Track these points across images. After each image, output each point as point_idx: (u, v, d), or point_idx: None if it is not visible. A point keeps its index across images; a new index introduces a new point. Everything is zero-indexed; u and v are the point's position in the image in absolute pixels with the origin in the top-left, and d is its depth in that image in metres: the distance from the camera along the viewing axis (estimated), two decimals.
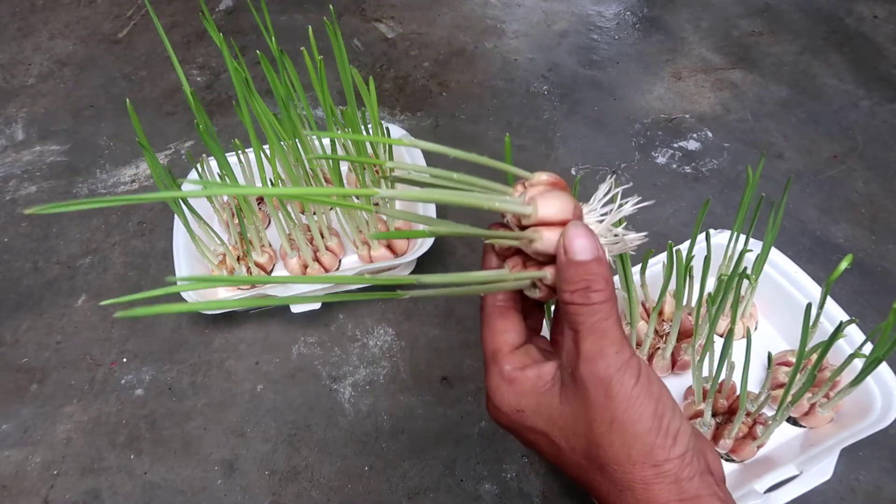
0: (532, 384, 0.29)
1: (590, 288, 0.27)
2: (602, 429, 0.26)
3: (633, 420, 0.26)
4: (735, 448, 0.49)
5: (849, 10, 0.91)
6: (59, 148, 0.83)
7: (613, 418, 0.26)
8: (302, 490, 0.53)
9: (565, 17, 0.95)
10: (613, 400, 0.26)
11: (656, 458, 0.26)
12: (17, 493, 0.55)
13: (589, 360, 0.26)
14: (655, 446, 0.26)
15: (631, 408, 0.26)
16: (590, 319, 0.27)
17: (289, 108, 0.56)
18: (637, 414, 0.26)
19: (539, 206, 0.28)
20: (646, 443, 0.26)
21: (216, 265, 0.62)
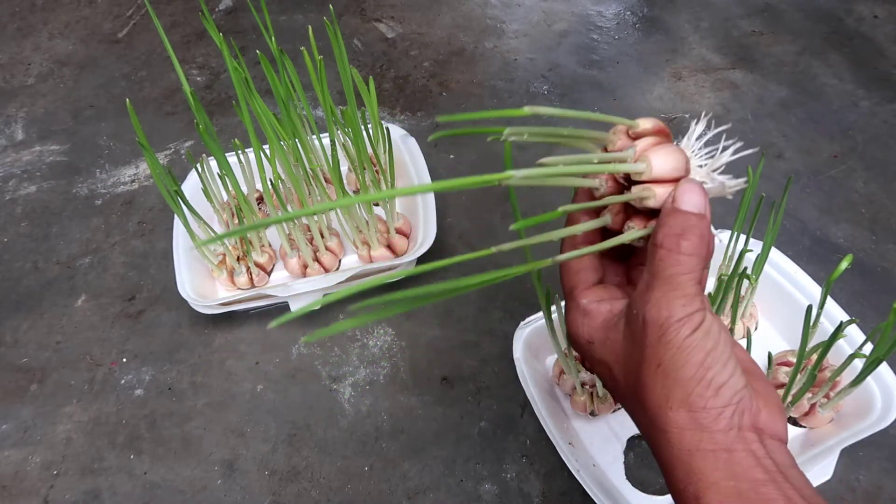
0: (604, 318, 0.30)
1: (683, 236, 0.27)
2: (649, 370, 0.27)
3: (678, 366, 0.26)
4: None
5: (849, 10, 0.91)
6: (58, 148, 0.83)
7: (661, 362, 0.27)
8: (302, 490, 0.53)
9: (565, 17, 0.95)
10: (664, 346, 0.27)
11: (693, 405, 0.26)
12: (17, 493, 0.55)
13: (655, 305, 0.27)
14: (694, 394, 0.26)
15: (678, 355, 0.26)
16: (669, 269, 0.27)
17: (289, 108, 0.56)
18: (682, 361, 0.26)
19: (654, 163, 0.28)
20: (685, 389, 0.26)
21: (216, 265, 0.62)
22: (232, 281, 0.62)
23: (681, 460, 0.27)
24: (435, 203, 0.63)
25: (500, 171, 0.32)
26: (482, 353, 0.60)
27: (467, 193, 0.73)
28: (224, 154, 0.57)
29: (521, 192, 0.72)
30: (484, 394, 0.58)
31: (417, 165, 0.67)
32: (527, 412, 0.56)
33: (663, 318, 0.27)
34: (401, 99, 0.85)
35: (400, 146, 0.69)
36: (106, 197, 0.77)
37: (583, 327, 0.31)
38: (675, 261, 0.27)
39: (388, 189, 0.63)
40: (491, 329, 0.62)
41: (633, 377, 0.28)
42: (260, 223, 0.23)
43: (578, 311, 0.31)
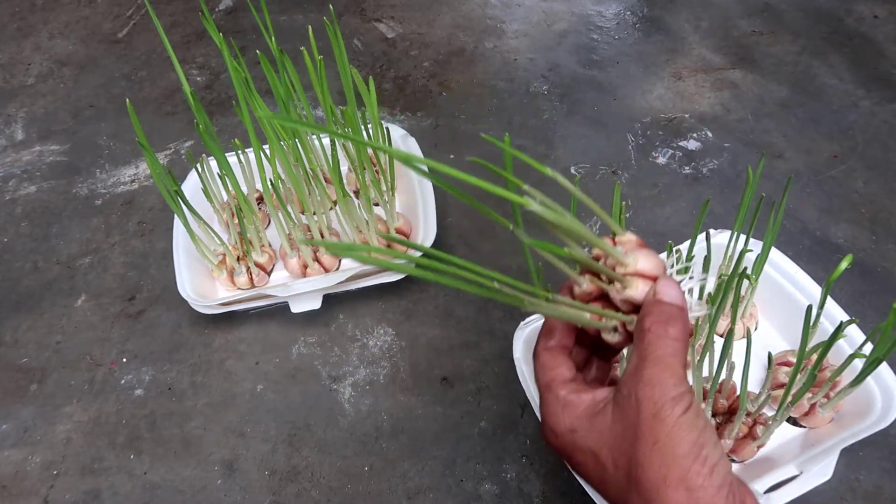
0: (586, 406, 0.32)
1: (669, 323, 0.30)
2: (645, 448, 0.28)
3: (675, 443, 0.28)
4: (735, 448, 0.49)
5: (849, 10, 0.91)
6: (58, 148, 0.83)
7: (657, 439, 0.28)
8: (302, 490, 0.54)
9: (565, 17, 0.95)
10: (661, 423, 0.28)
11: (691, 483, 0.27)
12: (17, 493, 0.55)
13: (648, 384, 0.29)
14: (692, 471, 0.27)
15: (675, 432, 0.28)
16: (658, 351, 0.29)
17: (289, 108, 0.56)
18: (679, 438, 0.28)
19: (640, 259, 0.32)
20: (683, 466, 0.27)
21: (216, 265, 0.62)
22: (232, 281, 0.62)
23: None
24: (435, 203, 0.63)
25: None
26: (482, 353, 0.60)
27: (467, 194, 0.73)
28: (224, 154, 0.57)
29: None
30: (484, 394, 0.58)
31: None
32: (527, 412, 0.56)
33: (657, 396, 0.28)
34: (401, 99, 0.85)
35: (400, 146, 0.69)
36: (106, 197, 0.77)
37: (564, 417, 0.32)
38: (664, 344, 0.29)
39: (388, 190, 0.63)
40: (491, 329, 0.62)
41: (625, 458, 0.29)
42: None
43: (558, 404, 0.32)
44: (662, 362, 0.29)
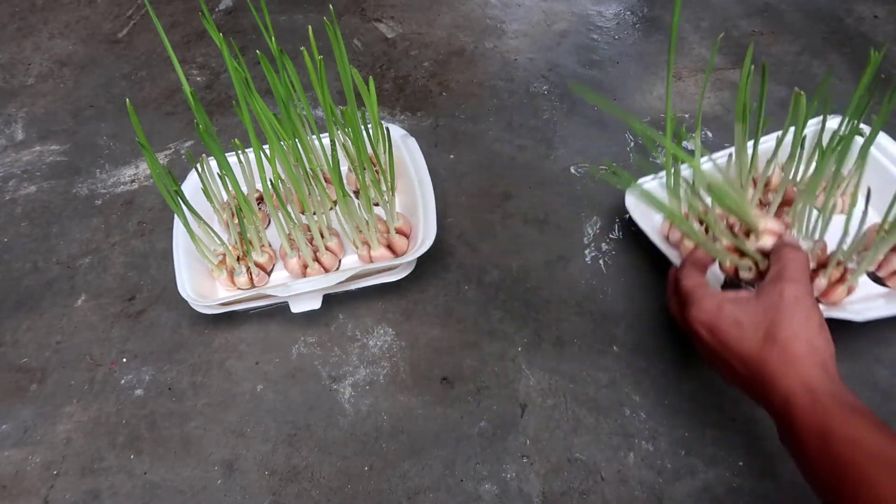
0: (732, 296, 0.46)
1: (797, 248, 0.46)
2: (786, 318, 0.42)
3: (808, 317, 0.42)
4: (827, 292, 0.56)
5: (849, 10, 0.91)
6: (58, 148, 0.83)
7: (795, 313, 0.42)
8: (302, 490, 0.54)
9: (565, 17, 0.95)
10: (799, 306, 0.42)
11: (814, 343, 0.41)
12: (17, 493, 0.55)
13: (790, 282, 0.43)
14: (816, 338, 0.41)
15: (809, 313, 0.42)
16: (795, 263, 0.45)
17: (289, 108, 0.56)
18: (812, 315, 0.42)
19: (770, 221, 0.48)
20: (811, 332, 0.41)
21: (216, 265, 0.62)
22: (232, 281, 0.62)
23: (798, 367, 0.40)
24: (435, 203, 0.63)
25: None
26: (482, 353, 0.60)
27: (467, 193, 0.73)
28: (224, 154, 0.57)
29: (522, 193, 0.72)
30: (484, 394, 0.58)
31: (417, 165, 0.67)
32: (527, 412, 0.56)
33: (797, 291, 0.43)
34: (401, 99, 0.85)
35: (400, 146, 0.69)
36: (106, 197, 0.77)
37: (714, 300, 0.46)
38: (799, 258, 0.45)
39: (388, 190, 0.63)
40: (491, 329, 0.62)
41: (765, 323, 0.42)
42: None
43: (708, 293, 0.47)
44: (798, 269, 0.44)
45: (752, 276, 0.48)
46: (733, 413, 0.55)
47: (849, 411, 0.38)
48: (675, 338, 0.60)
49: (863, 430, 0.37)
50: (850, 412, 0.38)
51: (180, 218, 0.58)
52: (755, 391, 0.43)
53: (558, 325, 0.61)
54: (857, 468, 0.35)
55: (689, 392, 0.56)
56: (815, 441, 0.38)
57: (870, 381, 0.55)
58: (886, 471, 0.34)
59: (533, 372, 0.59)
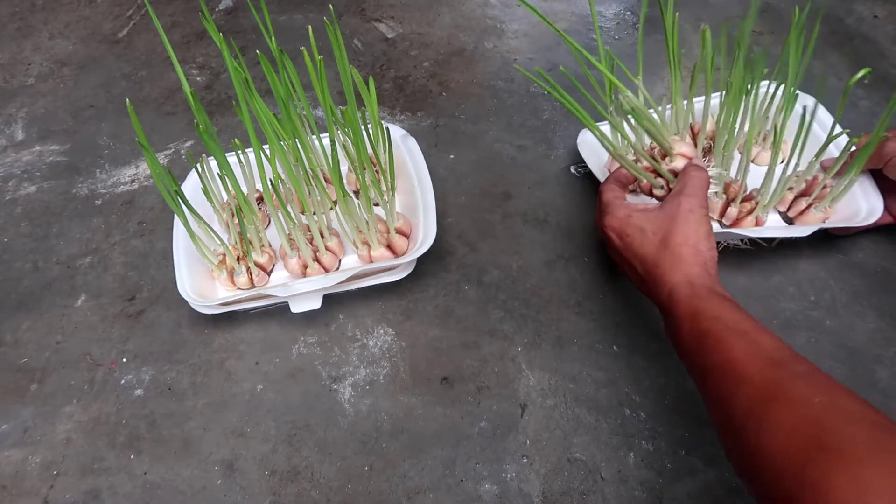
0: (641, 207, 0.54)
1: (701, 171, 0.54)
2: (678, 225, 0.50)
3: (696, 225, 0.50)
4: (736, 221, 0.63)
5: (849, 10, 0.91)
6: (58, 148, 0.83)
7: (687, 221, 0.50)
8: (302, 490, 0.54)
9: (565, 17, 0.95)
10: (693, 214, 0.50)
11: (699, 248, 0.49)
12: (17, 493, 0.55)
13: (688, 195, 0.51)
14: (702, 243, 0.49)
15: (699, 223, 0.50)
16: (695, 182, 0.53)
17: (289, 108, 0.56)
18: (699, 224, 0.50)
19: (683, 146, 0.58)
20: (698, 238, 0.49)
21: (216, 265, 0.62)
22: (232, 281, 0.62)
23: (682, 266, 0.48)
24: (435, 203, 0.63)
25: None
26: (482, 353, 0.60)
27: (467, 193, 0.73)
28: (224, 154, 0.57)
29: (522, 193, 0.72)
30: (484, 394, 0.58)
31: (417, 165, 0.67)
32: (527, 412, 0.56)
33: (690, 203, 0.51)
34: (401, 99, 0.85)
35: (400, 146, 0.69)
36: (106, 197, 0.77)
37: (625, 209, 0.54)
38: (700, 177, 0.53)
39: (388, 190, 0.63)
40: (491, 329, 0.62)
41: (663, 231, 0.50)
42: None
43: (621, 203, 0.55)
44: (697, 187, 0.52)
45: (664, 193, 0.58)
46: None
47: (718, 298, 0.45)
48: None
49: (725, 310, 0.43)
50: (719, 298, 0.45)
51: (180, 218, 0.58)
52: (650, 289, 0.50)
53: (558, 325, 0.61)
54: (717, 337, 0.42)
55: (689, 392, 0.56)
56: (687, 322, 0.44)
57: (870, 380, 0.55)
58: (739, 337, 0.41)
59: (533, 372, 0.59)
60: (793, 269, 0.63)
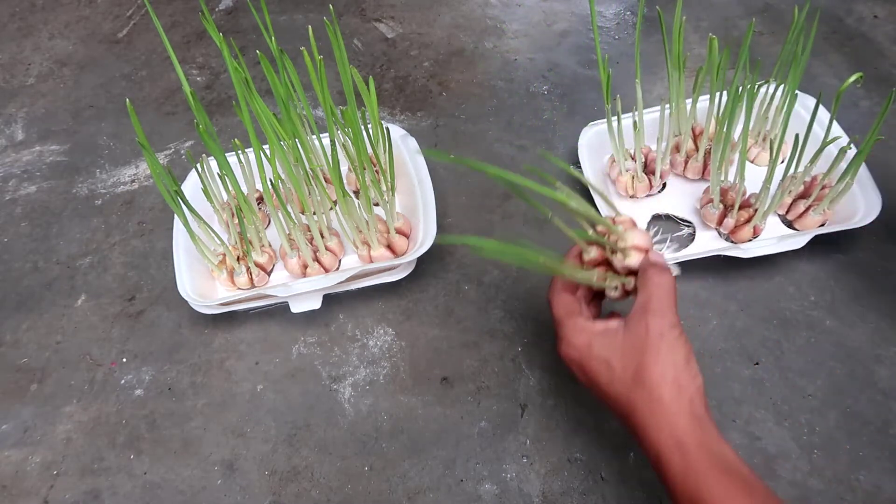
0: (601, 329, 0.44)
1: (665, 275, 0.43)
2: (651, 357, 0.40)
3: (674, 355, 0.40)
4: (734, 231, 0.62)
5: (849, 10, 0.91)
6: (58, 148, 0.83)
7: (660, 351, 0.40)
8: (302, 490, 0.54)
9: (565, 17, 0.95)
10: (664, 340, 0.41)
11: (681, 382, 0.40)
12: (17, 493, 0.55)
13: (654, 315, 0.41)
14: (682, 375, 0.40)
15: (674, 347, 0.41)
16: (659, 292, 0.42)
17: (289, 108, 0.56)
18: (676, 352, 0.41)
19: (636, 236, 0.45)
20: (678, 371, 0.40)
21: (216, 265, 0.62)
22: (232, 281, 0.62)
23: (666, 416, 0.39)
24: (435, 203, 0.63)
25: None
26: (482, 353, 0.60)
27: (467, 194, 0.73)
28: (224, 154, 0.57)
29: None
30: (484, 394, 0.58)
31: (417, 165, 0.67)
32: (527, 412, 0.56)
33: (660, 324, 0.41)
34: (401, 99, 0.85)
35: (400, 146, 0.69)
36: (106, 197, 0.77)
37: (583, 336, 0.44)
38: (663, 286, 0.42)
39: (388, 190, 0.63)
40: (491, 329, 0.62)
41: (634, 363, 0.41)
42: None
43: (577, 327, 0.45)
44: (662, 300, 0.42)
45: (619, 294, 0.46)
46: (733, 413, 0.55)
47: (720, 472, 0.37)
48: None
49: (733, 498, 0.36)
50: (722, 473, 0.37)
51: (180, 218, 0.58)
52: (631, 432, 0.42)
53: None
54: None
55: None
56: (685, 499, 0.38)
57: (870, 381, 0.55)
58: None
59: (533, 372, 0.59)
60: (793, 269, 0.63)
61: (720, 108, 0.63)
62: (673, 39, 0.60)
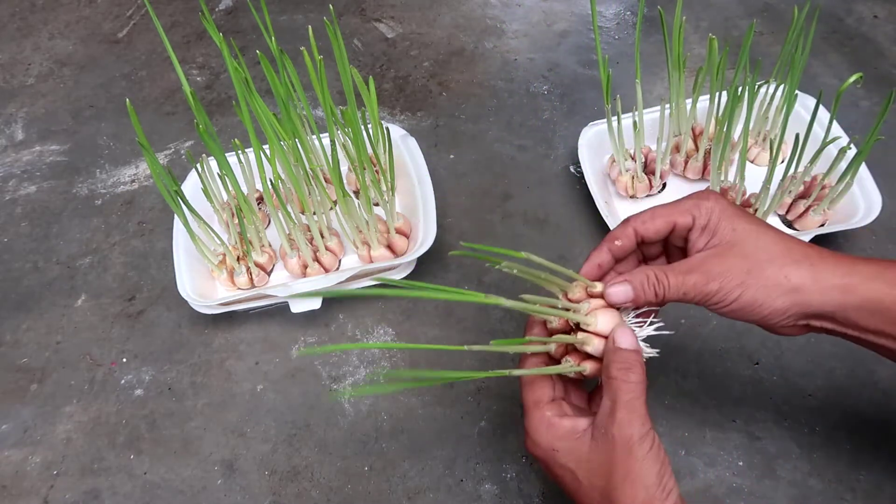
0: (566, 431, 0.38)
1: (630, 370, 0.37)
2: (619, 477, 0.35)
3: (644, 475, 0.35)
4: None
5: (849, 10, 0.91)
6: (58, 148, 0.83)
7: (629, 471, 0.35)
8: (302, 490, 0.54)
9: (565, 17, 0.95)
10: (632, 458, 0.35)
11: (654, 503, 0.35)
12: (17, 493, 0.55)
13: (619, 426, 0.35)
14: (654, 497, 0.35)
15: (644, 466, 0.35)
16: (626, 396, 0.36)
17: (289, 108, 0.56)
18: (647, 470, 0.35)
19: (599, 321, 0.38)
20: (649, 493, 0.35)
21: (216, 265, 0.62)
22: (232, 281, 0.62)
23: None
24: (435, 203, 0.63)
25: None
26: (482, 353, 0.60)
27: (467, 194, 0.73)
28: (224, 154, 0.57)
29: (522, 193, 0.72)
30: (484, 394, 0.58)
31: (417, 165, 0.67)
32: None
33: (628, 436, 0.35)
34: (401, 99, 0.85)
35: (400, 146, 0.69)
36: (106, 197, 0.77)
37: (547, 436, 0.38)
38: (629, 388, 0.36)
39: (388, 190, 0.63)
40: (491, 329, 0.62)
41: (601, 482, 0.36)
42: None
43: (543, 423, 0.39)
44: (629, 406, 0.36)
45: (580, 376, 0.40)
46: (733, 413, 0.55)
47: None
48: (674, 338, 0.60)
49: None
50: None
51: (180, 218, 0.58)
52: None
53: None
54: None
55: (689, 392, 0.56)
56: None
57: (870, 381, 0.55)
58: None
59: None
60: None
61: (720, 108, 0.63)
62: (673, 39, 0.60)
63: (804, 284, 0.36)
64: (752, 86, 0.58)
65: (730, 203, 0.39)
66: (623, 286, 0.39)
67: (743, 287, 0.37)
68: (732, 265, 0.37)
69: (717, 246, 0.38)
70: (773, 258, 0.37)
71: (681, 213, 0.40)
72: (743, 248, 0.37)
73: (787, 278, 0.36)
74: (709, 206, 0.39)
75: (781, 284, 0.37)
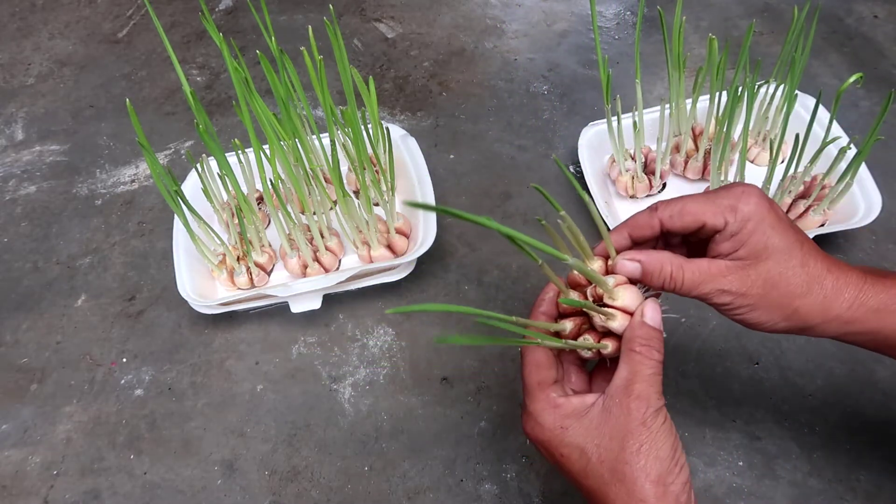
0: (574, 408, 0.37)
1: (653, 347, 0.36)
2: (632, 449, 0.34)
3: (658, 446, 0.34)
4: None
5: (849, 10, 0.91)
6: (58, 148, 0.83)
7: (643, 443, 0.34)
8: (302, 490, 0.54)
9: (565, 17, 0.95)
10: (647, 430, 0.35)
11: (666, 479, 0.34)
12: (17, 493, 0.55)
13: (636, 398, 0.35)
14: (667, 471, 0.34)
15: (658, 437, 0.35)
16: (645, 370, 0.36)
17: (289, 108, 0.56)
18: (661, 442, 0.35)
19: (625, 296, 0.37)
20: (662, 466, 0.34)
21: (216, 265, 0.62)
22: (232, 281, 0.62)
23: None
24: (435, 203, 0.63)
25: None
26: (482, 353, 0.60)
27: (467, 194, 0.73)
28: (224, 154, 0.57)
29: (522, 193, 0.72)
30: (484, 394, 0.58)
31: (417, 165, 0.67)
32: None
33: (644, 409, 0.35)
34: (401, 99, 0.85)
35: (400, 146, 0.69)
36: (106, 197, 0.77)
37: (554, 415, 0.38)
38: (650, 364, 0.36)
39: (388, 190, 0.63)
40: (491, 329, 0.62)
41: (612, 455, 0.35)
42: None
43: (549, 403, 0.38)
44: (648, 380, 0.35)
45: (592, 355, 0.40)
46: (733, 413, 0.55)
47: None
48: (674, 338, 0.60)
49: None
50: None
51: (180, 218, 0.58)
52: None
53: None
54: None
55: (689, 392, 0.56)
56: None
57: (870, 381, 0.55)
58: None
59: None
60: None
61: (720, 108, 0.63)
62: (673, 39, 0.60)
63: (811, 316, 0.37)
64: (752, 86, 0.58)
65: (770, 208, 0.37)
66: (634, 265, 0.38)
67: (752, 308, 0.37)
68: (751, 286, 0.37)
69: (743, 259, 0.37)
70: (792, 289, 0.37)
71: (713, 215, 0.38)
72: (767, 271, 0.37)
73: (796, 311, 0.37)
74: (746, 212, 0.37)
75: (790, 317, 0.37)
